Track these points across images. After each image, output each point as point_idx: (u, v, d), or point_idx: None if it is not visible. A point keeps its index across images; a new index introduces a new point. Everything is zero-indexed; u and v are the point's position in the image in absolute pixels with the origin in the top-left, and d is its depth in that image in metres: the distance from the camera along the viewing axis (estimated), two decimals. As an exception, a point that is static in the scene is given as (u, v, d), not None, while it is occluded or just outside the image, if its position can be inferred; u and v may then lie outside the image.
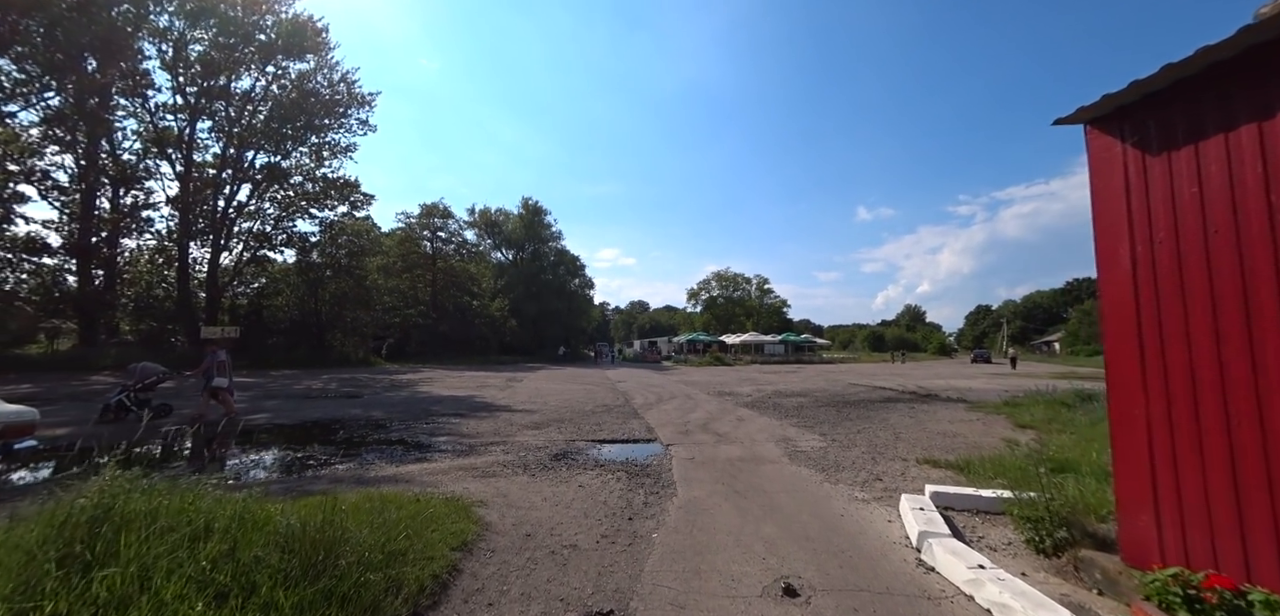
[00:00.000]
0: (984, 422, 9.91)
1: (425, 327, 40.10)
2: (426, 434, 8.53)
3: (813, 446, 7.62)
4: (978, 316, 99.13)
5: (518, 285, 50.68)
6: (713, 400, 14.41)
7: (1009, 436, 8.24)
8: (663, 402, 13.70)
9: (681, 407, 12.61)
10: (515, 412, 11.27)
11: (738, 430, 9.18)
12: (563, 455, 7.02)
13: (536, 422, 9.79)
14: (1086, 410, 9.96)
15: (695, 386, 19.25)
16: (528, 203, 54.75)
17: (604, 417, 10.68)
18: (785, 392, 16.93)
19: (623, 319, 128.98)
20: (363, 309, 33.66)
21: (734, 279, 79.66)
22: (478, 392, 15.78)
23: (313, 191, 29.50)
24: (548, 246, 56.80)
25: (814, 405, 13.44)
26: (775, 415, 11.32)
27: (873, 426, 9.60)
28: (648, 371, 30.66)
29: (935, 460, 6.31)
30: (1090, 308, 58.98)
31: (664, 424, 9.90)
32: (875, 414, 11.64)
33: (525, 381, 20.85)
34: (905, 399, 15.17)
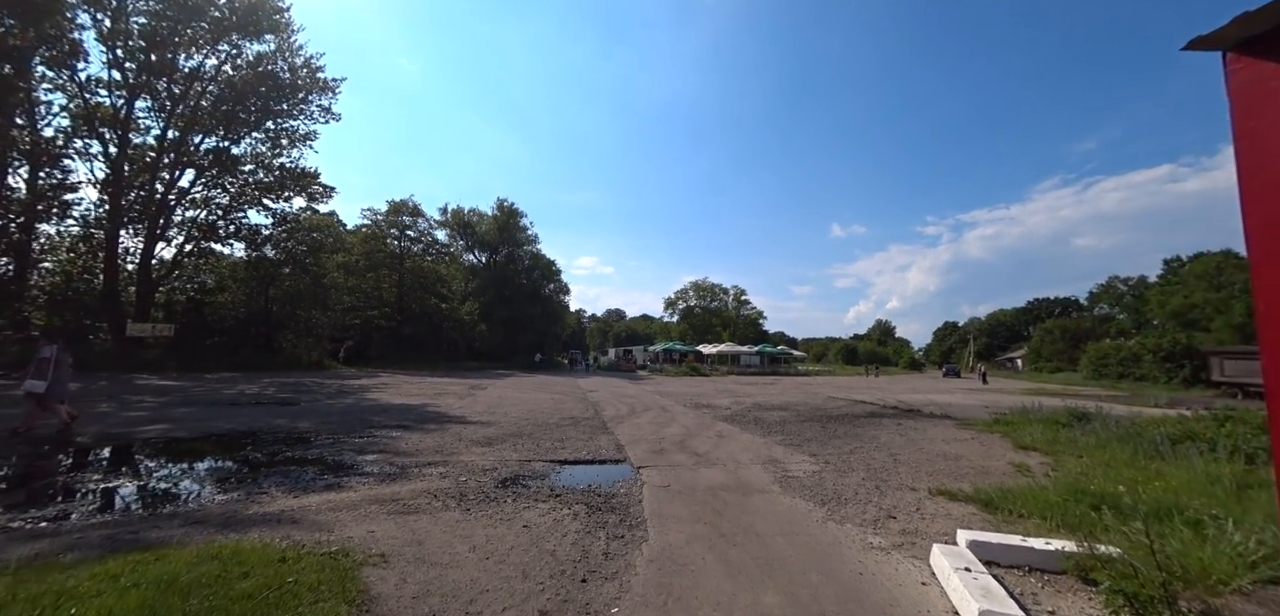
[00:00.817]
0: (981, 442, 9.19)
1: (389, 330, 37.93)
2: (354, 451, 7.19)
3: (805, 471, 6.65)
4: (945, 332, 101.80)
5: (490, 288, 48.84)
6: (690, 413, 13.40)
7: (1016, 460, 7.48)
8: (636, 415, 12.59)
9: (656, 421, 11.54)
10: (469, 424, 9.97)
11: (718, 449, 8.16)
12: (513, 480, 5.84)
13: (490, 437, 8.54)
14: (1085, 429, 9.37)
15: (671, 398, 18.23)
16: (503, 204, 53.09)
17: (569, 432, 9.50)
18: (765, 406, 16.07)
19: (598, 326, 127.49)
20: (319, 309, 31.44)
21: (711, 289, 79.50)
22: (433, 401, 14.34)
23: (267, 181, 27.32)
24: (523, 249, 55.14)
25: (797, 420, 12.58)
26: (758, 431, 10.37)
27: (865, 446, 8.73)
28: (622, 380, 29.50)
29: (949, 490, 5.41)
30: (1051, 326, 61.00)
31: (636, 440, 8.81)
32: (863, 431, 10.83)
33: (489, 389, 19.42)
34: (889, 414, 14.50)
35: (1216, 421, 9.12)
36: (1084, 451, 7.81)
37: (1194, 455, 6.70)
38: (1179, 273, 52.67)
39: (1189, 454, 6.79)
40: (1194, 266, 49.91)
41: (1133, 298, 60.64)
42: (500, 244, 53.21)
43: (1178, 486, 4.97)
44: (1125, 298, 63.45)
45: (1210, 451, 7.07)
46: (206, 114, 24.75)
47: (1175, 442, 7.64)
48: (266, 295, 28.95)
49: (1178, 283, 50.53)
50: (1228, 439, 7.27)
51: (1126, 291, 64.33)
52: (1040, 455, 7.91)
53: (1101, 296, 69.82)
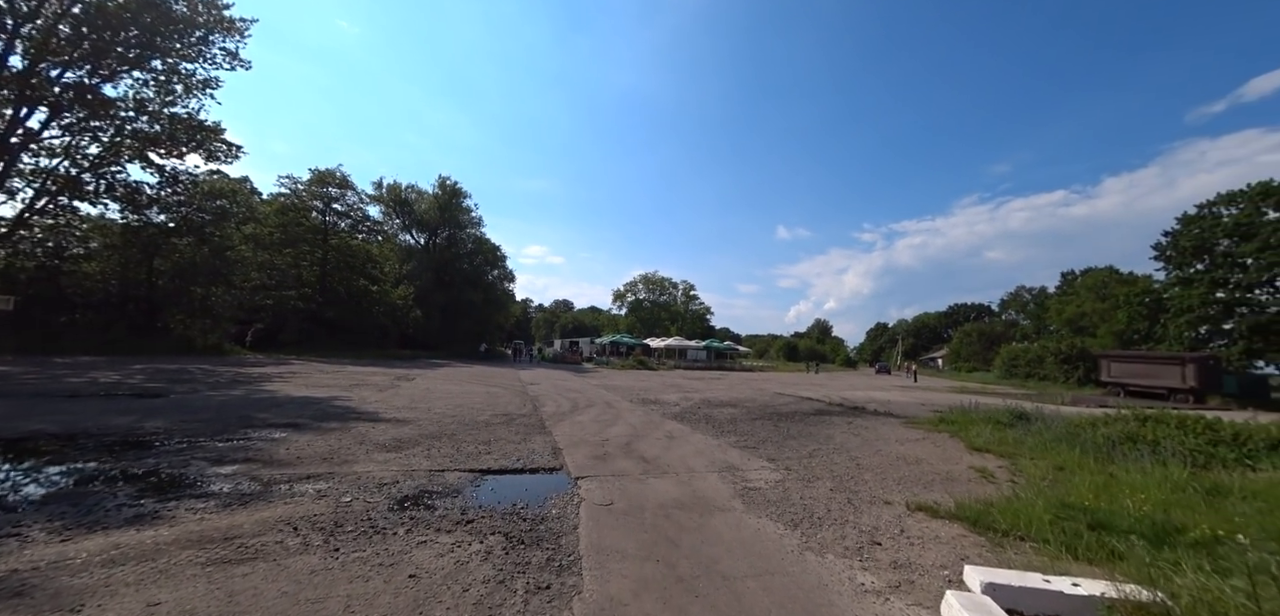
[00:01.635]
0: (933, 443, 8.96)
1: (308, 313, 34.03)
2: (208, 461, 5.57)
3: (767, 480, 5.90)
4: (877, 332, 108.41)
5: (427, 272, 45.51)
6: (637, 410, 12.49)
7: (974, 463, 7.18)
8: (578, 412, 11.50)
9: (600, 419, 10.51)
10: (380, 423, 8.44)
11: (669, 453, 7.28)
12: (414, 500, 4.59)
13: (401, 440, 7.13)
14: (1027, 429, 9.43)
15: (617, 392, 17.26)
16: (445, 182, 49.58)
17: (499, 432, 8.26)
18: (715, 402, 15.51)
19: (545, 317, 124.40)
20: (220, 285, 27.41)
21: (661, 283, 79.40)
22: (345, 393, 12.44)
23: (153, 132, 23.15)
24: (466, 232, 51.94)
25: (748, 418, 12.03)
26: (710, 431, 9.63)
27: (823, 448, 8.20)
28: (566, 373, 28.18)
29: (929, 505, 4.82)
30: (969, 329, 66.42)
31: (576, 442, 7.74)
32: (816, 430, 10.41)
33: (417, 380, 17.52)
34: (837, 412, 14.38)
35: (1139, 420, 9.47)
36: (1034, 453, 7.70)
37: (1146, 459, 6.66)
38: (1073, 285, 58.97)
39: (1140, 456, 6.75)
40: (1085, 280, 56.00)
41: (1035, 306, 67.34)
42: (441, 225, 49.75)
43: (1155, 497, 4.65)
44: (1029, 305, 70.40)
45: (1153, 453, 7.10)
46: (67, 41, 20.42)
47: (1114, 444, 7.69)
48: (150, 267, 24.72)
49: (1072, 294, 56.50)
50: (1167, 440, 7.37)
51: (1031, 300, 71.45)
52: (995, 457, 7.71)
53: (1010, 303, 77.14)
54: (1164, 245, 38.32)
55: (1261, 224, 33.60)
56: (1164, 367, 28.08)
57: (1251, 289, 33.75)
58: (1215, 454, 7.07)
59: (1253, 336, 31.80)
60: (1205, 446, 7.63)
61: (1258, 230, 33.59)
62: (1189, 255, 36.64)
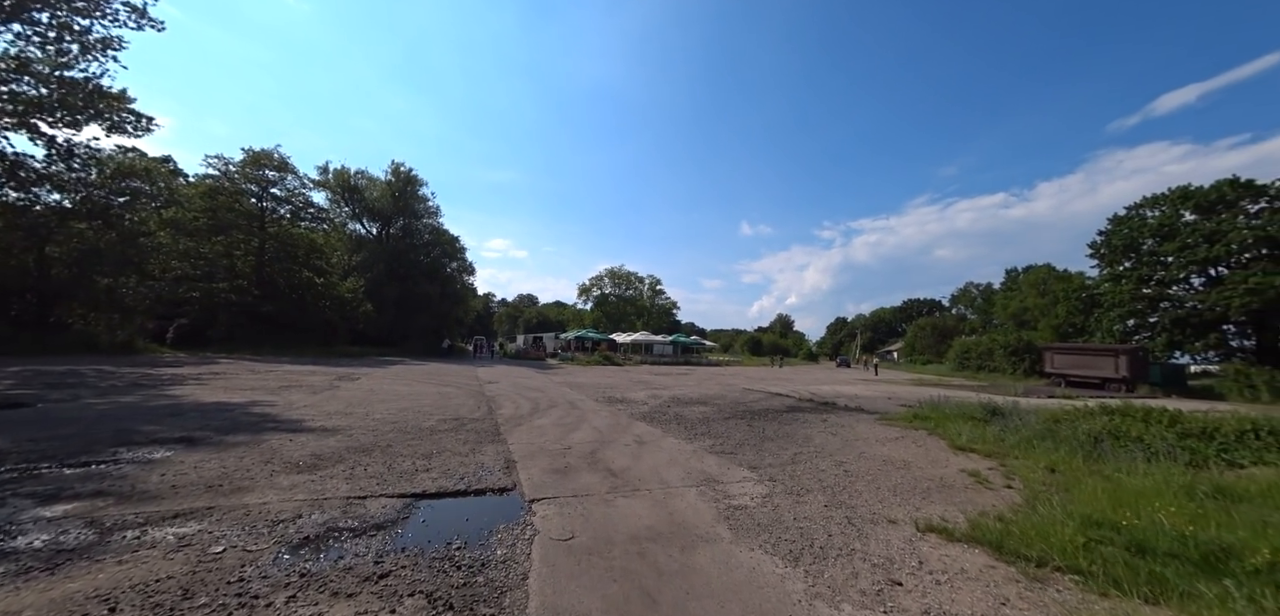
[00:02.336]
0: (915, 442, 8.57)
1: (242, 308, 30.97)
2: (41, 495, 4.27)
3: (753, 495, 5.17)
4: (836, 327, 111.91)
5: (379, 263, 42.71)
6: (603, 410, 11.61)
7: (964, 466, 6.74)
8: (538, 414, 10.50)
9: (562, 422, 9.57)
10: (301, 434, 7.17)
11: (639, 463, 6.45)
12: (315, 543, 3.55)
13: (321, 456, 5.95)
14: (1005, 425, 9.21)
15: (582, 390, 16.31)
16: (399, 169, 46.62)
17: (445, 442, 7.18)
18: (685, 400, 14.84)
19: (508, 312, 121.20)
20: (132, 275, 24.31)
21: (627, 277, 78.55)
22: (271, 398, 10.90)
23: (38, 96, 20.03)
24: (422, 223, 49.17)
25: (721, 417, 11.40)
26: (682, 433, 8.88)
27: (804, 452, 7.60)
28: (529, 370, 26.90)
29: (941, 526, 4.20)
30: (923, 323, 69.31)
31: (534, 452, 6.78)
32: (792, 429, 9.87)
33: (361, 380, 15.93)
34: (808, 408, 14.02)
35: (1109, 414, 9.45)
36: (1019, 452, 7.39)
37: (1132, 456, 6.40)
38: (1016, 281, 62.54)
39: (1127, 454, 6.49)
40: (1027, 277, 59.46)
41: (983, 301, 71.17)
42: (394, 214, 46.81)
43: (1176, 506, 4.22)
44: (977, 301, 74.34)
45: (1139, 448, 6.89)
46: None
47: (1096, 440, 7.49)
48: (41, 253, 21.51)
49: (1015, 290, 59.88)
50: (1152, 436, 7.20)
51: (978, 295, 75.47)
52: (981, 457, 7.34)
53: (960, 299, 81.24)
54: (1098, 244, 40.90)
55: (1180, 226, 36.34)
56: (1100, 359, 29.82)
57: (1171, 285, 36.49)
58: (1197, 449, 6.94)
59: (1174, 329, 34.35)
60: (1179, 441, 7.54)
61: (1177, 231, 36.30)
62: (1119, 254, 39.24)
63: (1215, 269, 34.64)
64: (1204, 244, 34.30)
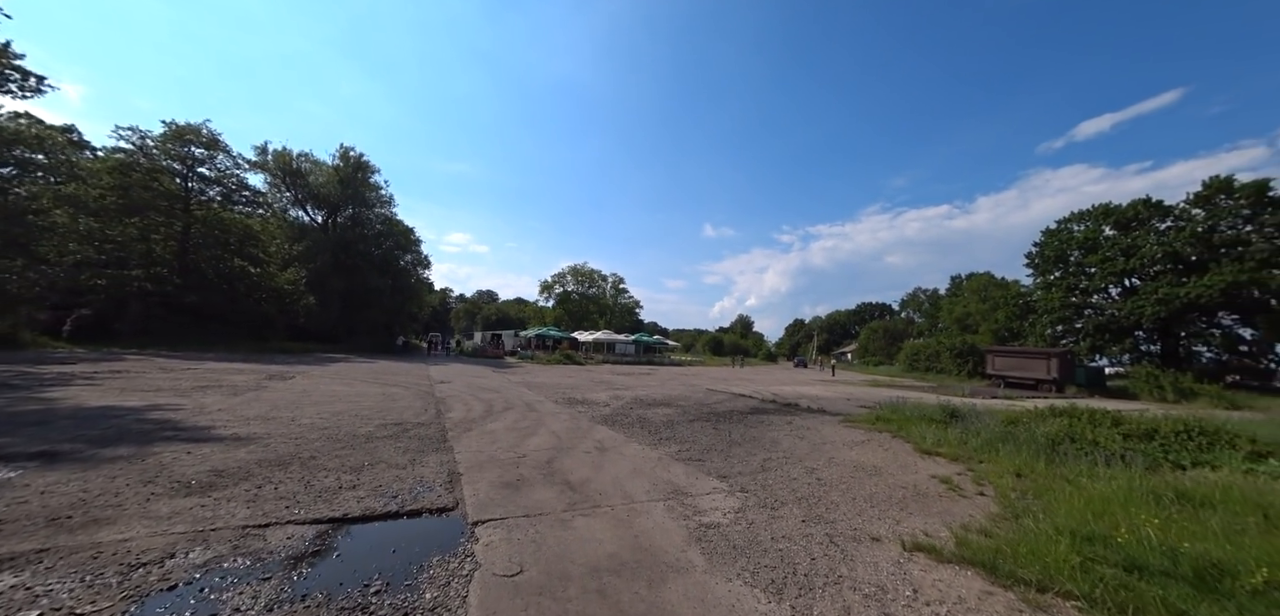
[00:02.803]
0: (882, 446, 8.47)
1: (161, 298, 27.90)
2: None
3: (725, 510, 4.73)
4: (794, 329, 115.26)
5: (324, 253, 39.78)
6: (562, 413, 10.96)
7: (934, 472, 6.61)
8: (491, 418, 9.72)
9: (517, 427, 8.86)
10: (203, 445, 6.14)
11: (601, 473, 5.90)
12: (183, 592, 2.78)
13: (221, 472, 5.03)
14: (965, 427, 9.30)
15: (540, 391, 15.55)
16: (347, 154, 43.65)
17: (382, 451, 6.35)
18: (648, 401, 14.39)
19: (466, 308, 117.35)
20: (17, 258, 21.25)
21: (590, 275, 77.52)
22: (178, 402, 9.54)
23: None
24: (373, 212, 46.29)
25: (685, 419, 11.02)
26: (646, 438, 8.39)
27: (774, 458, 7.29)
28: (485, 369, 25.71)
29: (928, 545, 3.90)
30: (875, 326, 72.41)
31: (483, 462, 6.09)
32: (758, 432, 9.60)
33: (295, 380, 14.49)
34: (772, 409, 13.91)
35: (1056, 415, 9.75)
36: (982, 455, 7.38)
37: (1097, 461, 6.46)
38: (960, 288, 66.41)
39: (1084, 457, 6.55)
40: (969, 283, 63.23)
41: (930, 306, 75.12)
42: (343, 201, 43.79)
43: (1152, 518, 4.11)
44: (925, 305, 78.42)
45: (1095, 451, 7.00)
46: None
47: (1055, 443, 7.60)
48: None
49: (959, 296, 63.51)
50: (1104, 439, 7.34)
51: (925, 300, 79.63)
52: (948, 461, 7.26)
53: (909, 303, 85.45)
54: (1033, 254, 43.87)
55: (1101, 240, 39.51)
56: (1034, 361, 31.86)
57: (1093, 294, 39.64)
58: (1145, 451, 7.13)
59: (1097, 334, 37.27)
60: (1125, 442, 7.77)
61: (1099, 245, 39.45)
62: (1050, 264, 42.23)
63: (1129, 280, 37.90)
64: (1121, 257, 37.43)
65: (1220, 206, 34.57)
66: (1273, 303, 31.67)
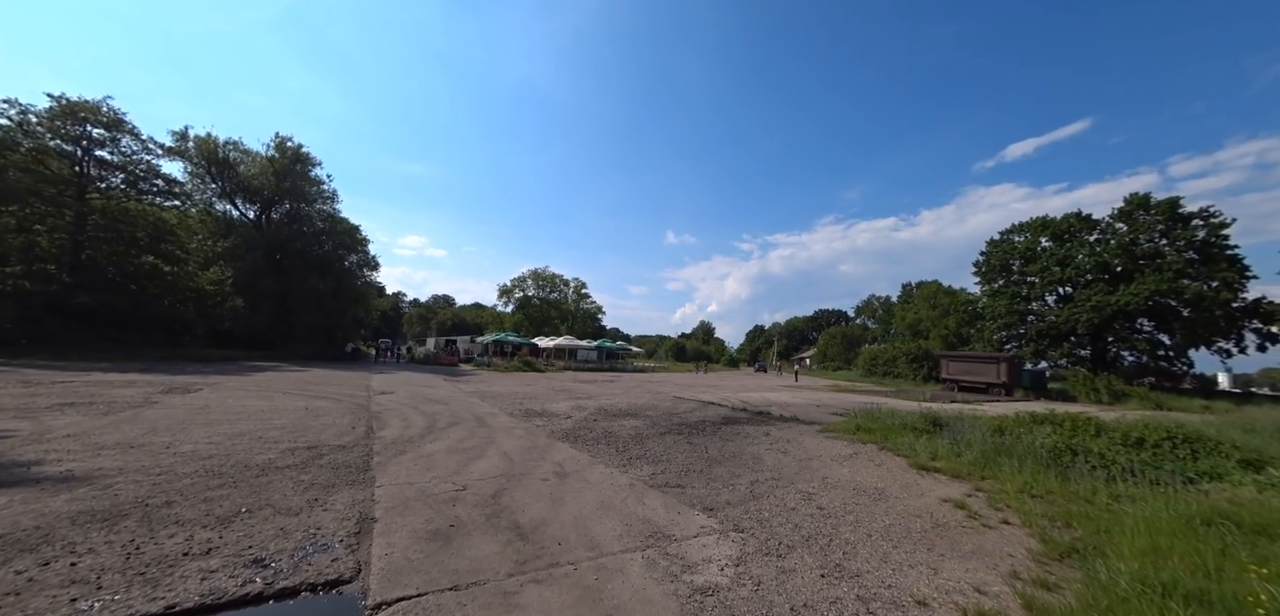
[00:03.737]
0: (874, 462, 7.73)
1: (45, 299, 24.04)
2: None
3: (722, 563, 3.69)
4: (754, 334, 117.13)
5: (255, 252, 36.12)
6: (517, 428, 9.65)
7: (942, 493, 5.86)
8: (433, 436, 8.29)
9: (462, 447, 7.51)
10: (14, 488, 4.48)
11: (560, 510, 4.74)
12: None
13: (6, 535, 3.49)
14: (950, 437, 8.76)
15: (495, 402, 14.09)
16: (284, 145, 40.00)
17: (273, 489, 4.89)
18: (613, 411, 13.27)
19: (420, 313, 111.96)
20: None
21: (552, 279, 75.46)
22: (12, 426, 7.53)
23: None
24: (314, 208, 42.71)
25: (656, 433, 9.99)
26: (614, 457, 7.28)
27: (761, 479, 6.36)
28: (436, 377, 23.71)
29: (995, 614, 2.99)
30: (833, 332, 74.41)
31: (409, 499, 4.77)
32: (738, 447, 8.69)
33: (199, 394, 12.36)
34: (745, 419, 13.12)
35: (1037, 422, 9.42)
36: (982, 469, 6.75)
37: (1097, 473, 5.91)
38: (911, 295, 69.35)
39: (1093, 472, 6.00)
40: (920, 291, 66.11)
41: (883, 312, 78.10)
42: (278, 196, 40.06)
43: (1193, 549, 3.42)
44: (878, 312, 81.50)
45: (1095, 462, 6.49)
46: None
47: (1057, 455, 7.09)
48: None
49: (911, 303, 66.25)
50: (1102, 448, 6.88)
51: (879, 307, 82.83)
52: (950, 479, 6.57)
53: (863, 310, 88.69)
54: (980, 263, 46.07)
55: (1040, 251, 41.98)
56: (985, 366, 33.10)
57: (1033, 301, 41.98)
58: (1142, 461, 6.71)
59: (1039, 339, 39.39)
60: (1113, 450, 7.39)
61: (1038, 256, 41.89)
62: (995, 272, 44.47)
63: (1062, 289, 40.40)
64: (1057, 267, 39.84)
65: (1140, 221, 37.44)
66: (1185, 312, 34.44)
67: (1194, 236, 34.90)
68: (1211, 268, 33.48)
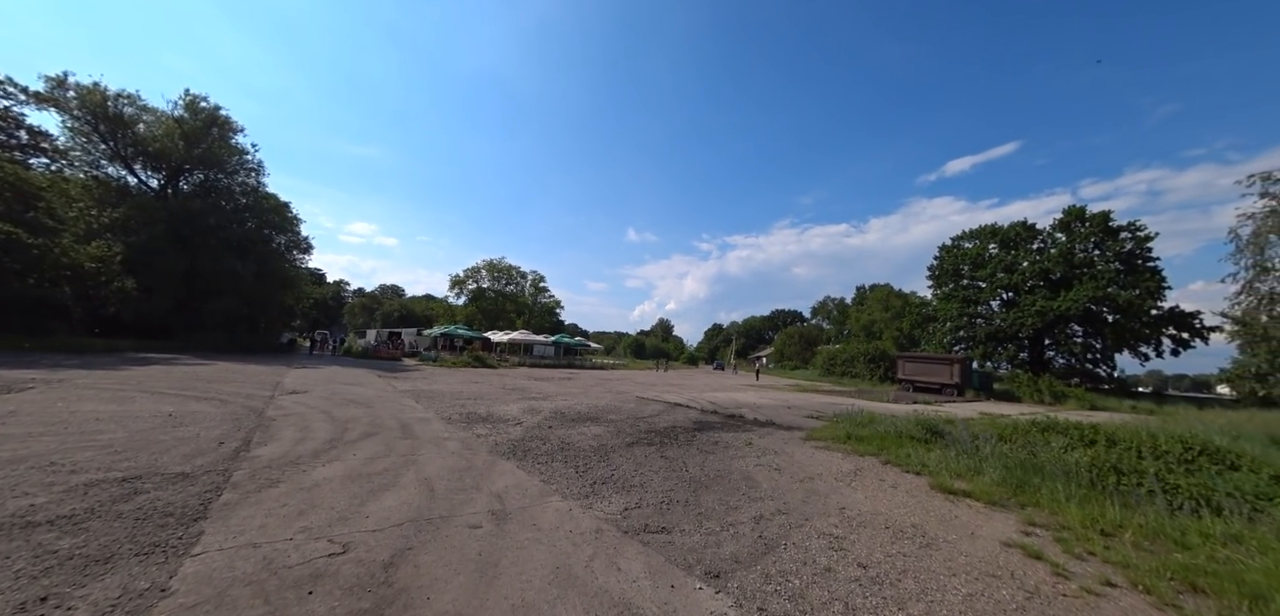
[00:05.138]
0: (888, 484, 6.48)
1: None
2: None
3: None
4: (713, 333, 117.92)
5: (155, 225, 31.24)
6: (451, 439, 7.75)
7: (994, 532, 4.62)
8: (333, 453, 6.27)
9: (367, 470, 5.57)
10: None
11: (492, 590, 3.03)
12: None
13: None
14: (963, 448, 7.72)
15: (432, 403, 12.00)
16: (197, 104, 34.93)
17: (9, 566, 2.88)
18: (571, 415, 11.55)
19: (364, 303, 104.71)
20: None
21: (508, 271, 72.01)
22: None
23: None
24: (235, 180, 37.81)
25: (621, 443, 8.40)
26: (573, 483, 5.61)
27: (765, 511, 4.90)
28: (370, 373, 20.96)
29: None
30: (790, 332, 75.60)
31: (231, 585, 2.91)
32: (721, 462, 7.25)
33: (25, 393, 9.52)
34: (718, 424, 11.78)
35: (1039, 430, 8.60)
36: (1022, 495, 5.63)
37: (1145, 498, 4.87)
38: (865, 297, 71.55)
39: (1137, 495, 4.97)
40: (874, 293, 68.26)
41: (838, 313, 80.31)
42: (187, 163, 35.03)
43: None
44: (833, 313, 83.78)
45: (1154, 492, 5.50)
46: None
47: (1100, 475, 6.09)
48: None
49: (864, 304, 68.27)
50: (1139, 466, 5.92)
51: (834, 308, 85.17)
52: (986, 506, 5.38)
53: (819, 311, 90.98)
54: (933, 267, 47.63)
55: (988, 257, 43.81)
56: (939, 367, 33.84)
57: (981, 304, 43.80)
58: (1202, 485, 5.80)
59: (988, 342, 41.03)
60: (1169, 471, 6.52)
61: (986, 261, 43.70)
62: (947, 277, 46.07)
63: (1006, 294, 42.36)
64: (1003, 273, 41.69)
65: (1076, 231, 39.71)
66: (1113, 318, 36.77)
67: (1123, 248, 37.32)
68: (1136, 278, 35.86)
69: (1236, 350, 22.53)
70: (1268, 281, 20.27)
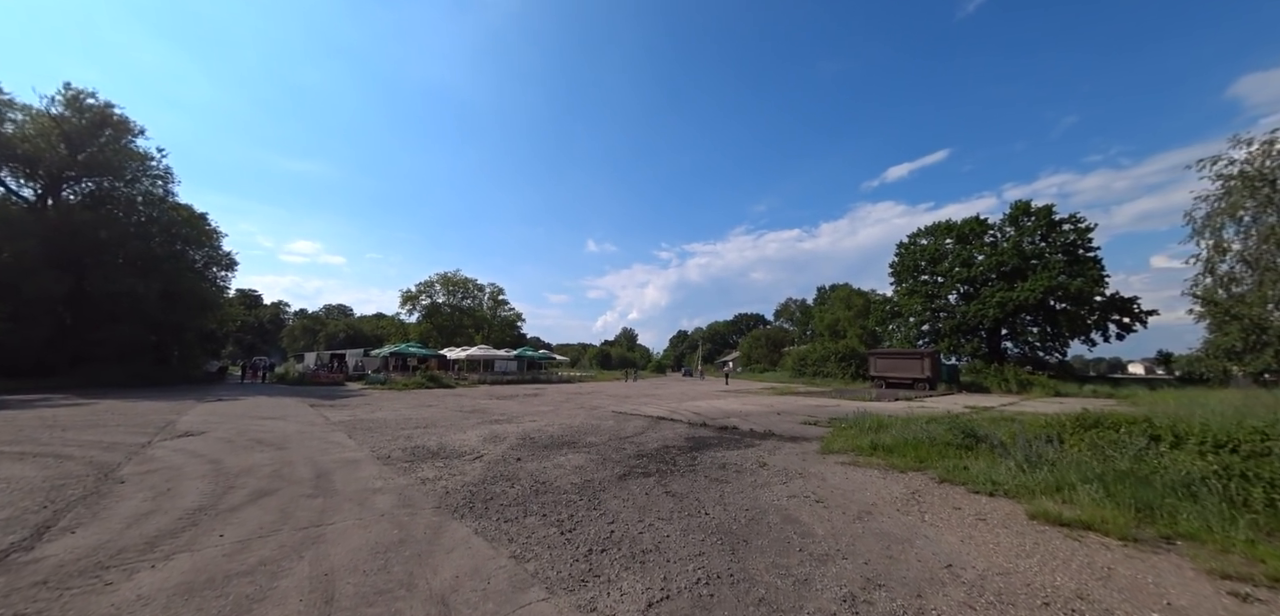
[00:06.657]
0: (982, 519, 5.04)
1: None
2: None
3: None
4: (678, 340, 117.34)
5: (27, 241, 26.42)
6: (385, 489, 5.67)
7: (1185, 593, 3.19)
8: (193, 533, 4.10)
9: (240, 554, 3.50)
10: None
11: None
12: None
13: None
14: (1007, 453, 6.43)
15: (369, 436, 9.72)
16: (80, 101, 29.90)
17: None
18: (543, 441, 9.62)
19: (306, 325, 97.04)
20: None
21: (464, 284, 68.20)
22: None
23: None
24: (134, 189, 33.04)
25: (612, 476, 6.62)
26: (559, 556, 3.79)
27: (852, 592, 3.28)
28: (299, 403, 17.97)
29: None
30: (757, 335, 75.79)
31: None
32: (745, 495, 5.61)
33: None
34: (715, 440, 10.19)
35: (1089, 426, 7.52)
36: (1141, 516, 4.30)
37: None
38: (827, 297, 72.79)
39: None
40: (836, 293, 69.47)
41: (801, 314, 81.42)
42: (71, 170, 30.10)
43: None
44: (796, 314, 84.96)
45: None
46: None
47: (1190, 489, 4.86)
48: None
49: (827, 305, 69.36)
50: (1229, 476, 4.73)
51: (796, 309, 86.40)
52: (1118, 541, 3.99)
53: (782, 313, 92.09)
54: (895, 264, 48.52)
55: (945, 251, 45.02)
56: (910, 362, 33.95)
57: (940, 299, 44.87)
58: None
59: (952, 336, 41.89)
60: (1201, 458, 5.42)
61: (943, 257, 44.87)
62: (907, 273, 47.01)
63: (964, 287, 43.61)
64: (961, 267, 42.88)
65: (1023, 225, 41.40)
66: (1062, 307, 38.37)
67: (1066, 239, 39.13)
68: (1079, 268, 37.58)
69: (1206, 330, 23.46)
70: (1226, 260, 21.12)
